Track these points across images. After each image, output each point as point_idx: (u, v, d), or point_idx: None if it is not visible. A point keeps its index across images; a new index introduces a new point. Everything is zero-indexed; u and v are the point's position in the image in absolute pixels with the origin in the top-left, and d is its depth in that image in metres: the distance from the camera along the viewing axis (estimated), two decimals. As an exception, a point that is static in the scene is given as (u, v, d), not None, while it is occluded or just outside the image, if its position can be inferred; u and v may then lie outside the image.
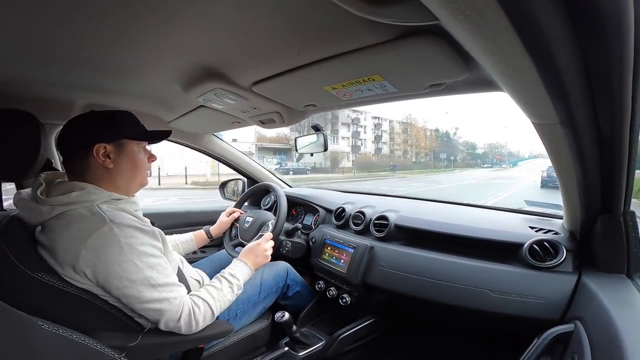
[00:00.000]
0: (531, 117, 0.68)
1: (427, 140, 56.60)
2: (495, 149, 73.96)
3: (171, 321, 0.81)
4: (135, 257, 0.76)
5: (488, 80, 0.77)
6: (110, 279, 0.75)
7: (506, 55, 0.47)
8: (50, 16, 0.60)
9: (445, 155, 53.56)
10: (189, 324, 0.83)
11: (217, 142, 1.80)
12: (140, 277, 0.76)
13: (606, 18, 0.40)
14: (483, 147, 76.23)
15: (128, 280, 0.75)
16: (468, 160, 63.30)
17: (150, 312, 0.80)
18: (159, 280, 0.79)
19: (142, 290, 0.77)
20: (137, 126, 0.92)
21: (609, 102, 0.55)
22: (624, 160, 0.67)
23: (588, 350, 0.62)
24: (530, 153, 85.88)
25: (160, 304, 0.79)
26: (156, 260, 0.80)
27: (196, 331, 0.85)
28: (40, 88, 1.01)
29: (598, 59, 0.47)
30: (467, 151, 67.29)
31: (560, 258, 0.92)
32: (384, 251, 1.23)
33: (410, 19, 0.51)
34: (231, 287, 0.96)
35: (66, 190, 0.79)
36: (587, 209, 0.86)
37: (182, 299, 0.83)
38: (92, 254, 0.73)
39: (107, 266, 0.74)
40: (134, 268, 0.76)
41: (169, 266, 0.85)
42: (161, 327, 0.81)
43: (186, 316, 0.82)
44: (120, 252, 0.75)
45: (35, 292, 0.71)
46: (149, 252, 0.79)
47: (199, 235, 1.38)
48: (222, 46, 0.74)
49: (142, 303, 0.78)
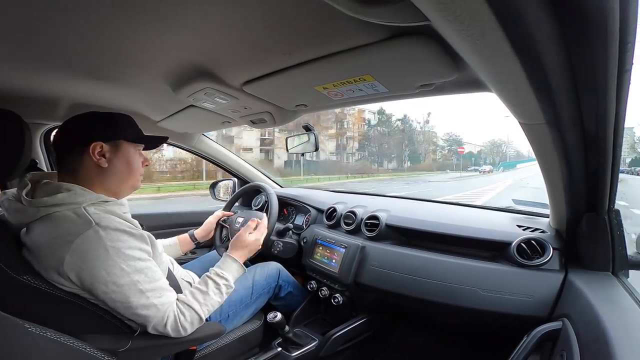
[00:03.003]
0: (518, 117, 0.69)
1: (371, 131, 41.35)
2: (497, 147, 64.34)
3: (159, 326, 0.81)
4: (122, 261, 0.75)
5: (477, 81, 0.78)
6: (96, 283, 0.73)
7: (494, 55, 0.48)
8: (35, 14, 0.58)
9: (408, 152, 42.01)
10: (176, 330, 0.83)
11: (207, 142, 1.78)
12: (127, 282, 0.75)
13: (592, 20, 0.40)
14: (483, 145, 65.15)
15: (114, 284, 0.74)
16: (449, 159, 50.45)
17: (137, 317, 0.79)
18: (146, 284, 0.78)
19: (129, 295, 0.75)
20: (135, 129, 0.92)
21: (594, 102, 0.56)
22: (608, 160, 0.69)
23: (576, 347, 0.63)
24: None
25: (147, 310, 0.78)
26: (144, 264, 0.79)
27: (185, 335, 0.84)
28: (24, 87, 0.98)
29: (584, 60, 0.48)
30: (449, 148, 54.68)
31: (547, 256, 0.94)
32: (376, 251, 1.24)
33: (401, 19, 0.51)
34: (219, 289, 0.94)
35: (52, 192, 0.77)
36: (572, 208, 0.88)
37: (171, 304, 0.82)
38: (77, 257, 0.71)
39: (93, 270, 0.72)
40: (120, 272, 0.74)
41: (158, 270, 0.84)
42: (150, 331, 0.81)
43: (172, 322, 0.82)
44: (107, 256, 0.73)
45: (22, 295, 0.70)
46: (136, 255, 0.78)
47: (183, 239, 1.34)
48: (213, 45, 0.73)
49: (129, 309, 0.77)
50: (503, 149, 61.70)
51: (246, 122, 1.31)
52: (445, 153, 54.35)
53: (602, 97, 0.53)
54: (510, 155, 63.82)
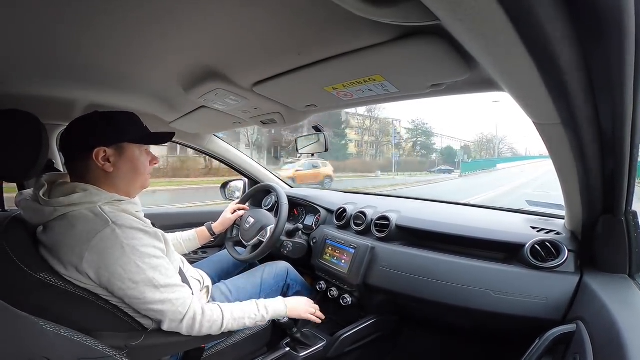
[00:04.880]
0: (532, 116, 0.68)
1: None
2: (488, 142, 48.02)
3: (174, 321, 0.82)
4: (138, 259, 0.76)
5: (489, 80, 0.76)
6: (113, 280, 0.75)
7: (507, 55, 0.47)
8: (51, 16, 0.60)
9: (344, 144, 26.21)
10: (191, 326, 0.84)
11: (218, 142, 1.80)
12: (143, 278, 0.77)
13: (607, 17, 0.39)
14: (462, 140, 47.69)
15: (131, 281, 0.76)
16: (411, 156, 35.17)
17: (152, 313, 0.81)
18: (162, 281, 0.79)
19: (145, 292, 0.77)
20: (139, 128, 0.90)
21: (610, 102, 0.55)
22: (625, 161, 0.67)
23: (590, 350, 0.62)
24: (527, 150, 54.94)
25: (162, 305, 0.80)
26: (158, 262, 0.81)
27: (197, 334, 0.85)
28: (41, 88, 1.01)
29: (599, 58, 0.47)
30: (416, 140, 37.60)
31: (562, 258, 0.92)
32: (385, 251, 1.23)
33: (410, 19, 0.51)
34: (255, 315, 0.96)
35: (68, 192, 0.79)
36: (588, 210, 0.86)
37: (186, 299, 0.83)
38: (96, 255, 0.73)
39: (110, 268, 0.74)
40: (136, 269, 0.76)
41: (172, 267, 0.85)
42: (164, 327, 0.82)
43: (190, 319, 0.83)
44: (123, 253, 0.75)
45: (37, 293, 0.72)
46: (151, 253, 0.79)
47: (201, 233, 1.37)
48: (223, 47, 0.74)
49: (145, 304, 0.79)
50: (495, 144, 47.00)
51: (256, 123, 1.32)
52: (408, 147, 37.20)
53: (619, 96, 0.52)
54: (502, 153, 49.01)
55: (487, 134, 50.69)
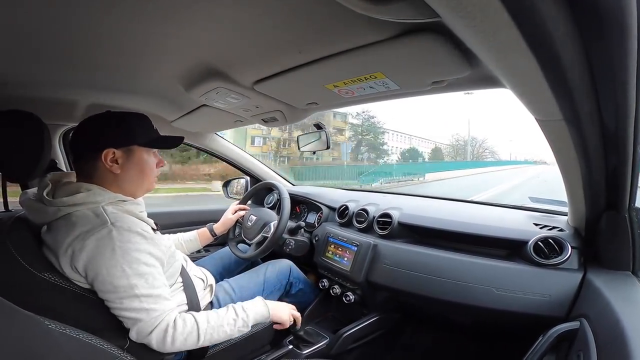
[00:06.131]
0: (534, 113, 0.67)
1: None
2: (465, 145, 42.12)
3: (142, 333, 0.78)
4: (126, 263, 0.75)
5: (491, 77, 0.76)
6: (95, 280, 0.75)
7: (508, 51, 0.47)
8: (53, 16, 0.60)
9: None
10: (162, 340, 0.79)
11: (219, 141, 1.80)
12: (124, 284, 0.75)
13: (609, 13, 0.39)
14: (429, 139, 43.29)
15: (111, 284, 0.75)
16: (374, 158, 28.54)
17: (125, 319, 0.78)
18: (143, 290, 0.77)
19: (122, 297, 0.75)
20: (150, 131, 0.90)
21: (612, 98, 0.54)
22: (629, 157, 0.66)
23: (594, 347, 0.61)
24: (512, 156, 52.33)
25: (137, 313, 0.76)
26: (148, 269, 0.79)
27: (170, 350, 0.81)
28: (43, 88, 1.01)
29: (601, 55, 0.47)
30: (362, 137, 29.79)
31: (566, 255, 0.92)
32: (388, 249, 1.23)
33: (411, 16, 0.50)
34: (235, 320, 0.90)
35: (72, 191, 0.80)
36: (592, 206, 0.86)
37: (163, 313, 0.79)
38: (86, 253, 0.73)
39: (96, 268, 0.74)
40: (120, 274, 0.75)
41: (162, 278, 0.83)
42: (132, 336, 0.78)
43: (161, 331, 0.78)
44: (112, 256, 0.74)
45: (42, 292, 0.72)
46: (142, 259, 0.78)
47: (202, 234, 1.38)
48: (224, 45, 0.74)
49: (119, 310, 0.77)
50: (471, 145, 41.52)
51: (258, 121, 1.32)
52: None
53: (622, 93, 0.52)
54: (482, 156, 43.96)
55: (463, 135, 46.35)
